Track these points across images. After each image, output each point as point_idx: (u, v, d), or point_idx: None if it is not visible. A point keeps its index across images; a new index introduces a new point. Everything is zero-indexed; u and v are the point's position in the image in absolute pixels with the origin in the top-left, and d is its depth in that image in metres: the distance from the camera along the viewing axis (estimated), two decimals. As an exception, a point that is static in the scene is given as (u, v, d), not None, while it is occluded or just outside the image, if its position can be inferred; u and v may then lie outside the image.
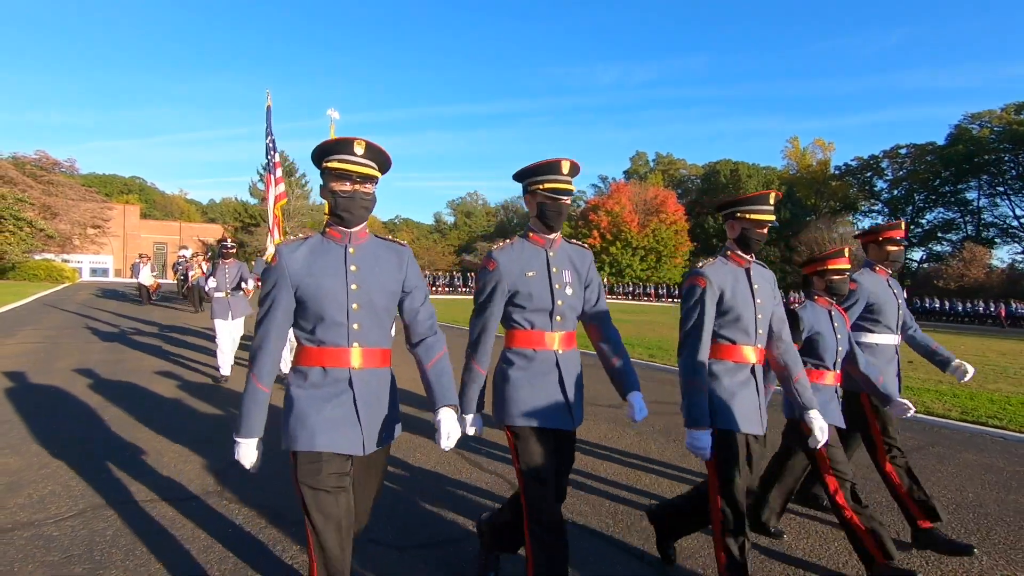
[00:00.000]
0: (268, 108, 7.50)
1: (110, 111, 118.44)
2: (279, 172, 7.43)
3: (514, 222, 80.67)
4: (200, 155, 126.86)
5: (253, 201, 49.00)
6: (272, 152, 7.31)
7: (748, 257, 2.40)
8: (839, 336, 2.81)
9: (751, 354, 2.39)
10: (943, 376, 8.65)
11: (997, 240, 50.46)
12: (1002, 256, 49.45)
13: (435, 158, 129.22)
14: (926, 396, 6.92)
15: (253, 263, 7.33)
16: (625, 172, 70.93)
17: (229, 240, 7.39)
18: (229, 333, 6.71)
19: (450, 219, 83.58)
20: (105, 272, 40.79)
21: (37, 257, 31.93)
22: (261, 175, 49.49)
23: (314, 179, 47.51)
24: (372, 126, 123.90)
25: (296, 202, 46.01)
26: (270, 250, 6.94)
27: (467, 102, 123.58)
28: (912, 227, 55.15)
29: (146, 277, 16.98)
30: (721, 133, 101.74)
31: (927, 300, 34.30)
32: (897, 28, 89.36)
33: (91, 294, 20.87)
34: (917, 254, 56.07)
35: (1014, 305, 31.49)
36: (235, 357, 7.04)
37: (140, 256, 18.47)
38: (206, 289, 6.80)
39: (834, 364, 2.83)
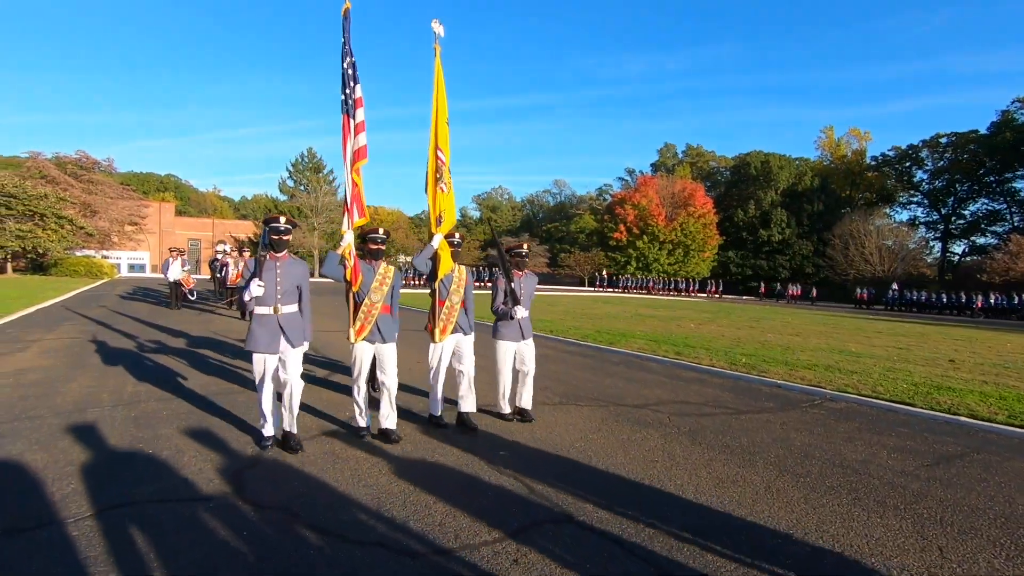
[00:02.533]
0: (345, 14, 4.67)
1: (147, 111, 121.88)
2: (361, 115, 4.68)
3: (539, 216, 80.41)
4: (233, 152, 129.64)
5: (283, 198, 49.96)
6: (351, 84, 4.70)
7: None
8: None
9: None
10: (987, 376, 8.24)
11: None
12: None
13: (461, 152, 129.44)
14: (970, 398, 6.57)
15: (323, 258, 4.33)
16: (653, 165, 70.01)
17: (283, 219, 4.26)
18: (275, 373, 4.24)
19: (475, 214, 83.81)
20: (143, 268, 42.05)
21: (78, 253, 33.12)
22: (290, 171, 50.35)
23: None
24: (399, 121, 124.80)
25: (324, 198, 46.74)
26: (347, 239, 4.50)
27: (493, 96, 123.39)
28: (953, 218, 53.07)
29: (176, 272, 15.25)
30: (752, 123, 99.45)
31: (968, 295, 33.02)
32: (940, 10, 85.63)
33: (119, 296, 19.34)
34: (959, 247, 54.04)
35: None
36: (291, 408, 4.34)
37: (171, 251, 15.91)
38: (246, 299, 4.09)
39: None
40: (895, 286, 37.24)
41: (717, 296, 44.35)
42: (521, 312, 4.93)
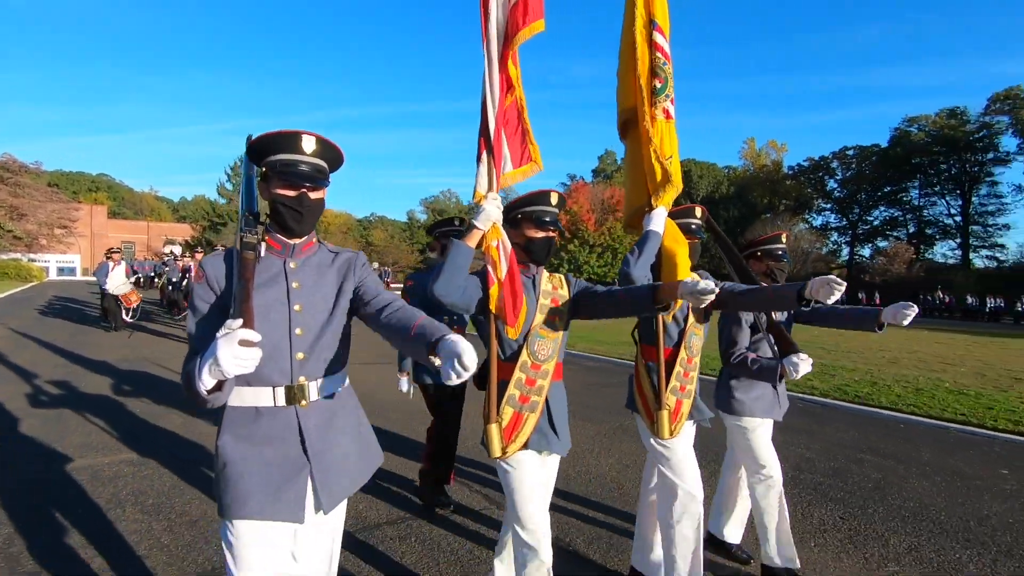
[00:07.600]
0: None
1: (77, 107, 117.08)
2: None
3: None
4: (171, 151, 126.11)
5: (222, 201, 49.92)
6: None
7: None
8: None
9: None
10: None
11: (937, 237, 54.01)
12: (944, 253, 53.34)
13: (411, 155, 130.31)
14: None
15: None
16: (593, 171, 72.91)
17: (309, 141, 1.51)
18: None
19: (423, 216, 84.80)
20: (72, 271, 41.47)
21: (4, 257, 32.82)
22: (228, 175, 50.24)
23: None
24: (347, 122, 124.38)
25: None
26: (489, 211, 2.16)
27: (443, 99, 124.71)
28: (859, 224, 58.28)
29: (119, 283, 11.09)
30: (688, 131, 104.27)
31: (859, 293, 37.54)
32: (871, 24, 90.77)
33: (37, 309, 15.43)
34: (866, 250, 59.22)
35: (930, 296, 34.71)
36: None
37: (108, 253, 11.79)
38: (206, 382, 1.25)
39: None
40: None
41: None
42: (805, 366, 2.53)
